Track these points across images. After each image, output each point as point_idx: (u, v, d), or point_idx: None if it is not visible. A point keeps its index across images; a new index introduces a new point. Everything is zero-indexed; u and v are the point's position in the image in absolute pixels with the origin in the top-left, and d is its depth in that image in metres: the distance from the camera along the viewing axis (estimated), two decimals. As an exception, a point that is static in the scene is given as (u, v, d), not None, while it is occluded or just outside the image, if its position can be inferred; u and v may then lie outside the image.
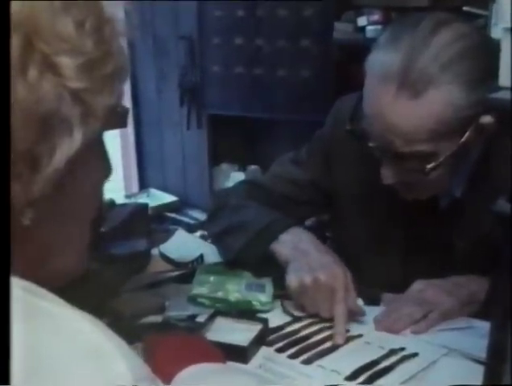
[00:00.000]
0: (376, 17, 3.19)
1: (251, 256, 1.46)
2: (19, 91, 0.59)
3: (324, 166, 1.60)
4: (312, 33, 3.37)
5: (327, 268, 1.32)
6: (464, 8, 2.72)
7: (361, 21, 3.23)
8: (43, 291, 0.61)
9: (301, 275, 1.32)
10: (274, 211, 1.51)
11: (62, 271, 0.73)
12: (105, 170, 0.77)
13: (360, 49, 3.16)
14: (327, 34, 3.29)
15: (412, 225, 1.48)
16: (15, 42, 0.58)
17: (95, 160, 0.72)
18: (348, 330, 1.31)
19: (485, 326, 1.05)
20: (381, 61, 1.28)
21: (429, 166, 1.29)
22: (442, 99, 1.23)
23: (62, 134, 0.62)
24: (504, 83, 0.66)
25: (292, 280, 1.34)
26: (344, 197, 1.59)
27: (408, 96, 1.24)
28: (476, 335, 1.24)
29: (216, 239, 1.61)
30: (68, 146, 0.63)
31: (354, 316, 1.34)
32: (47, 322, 0.57)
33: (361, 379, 1.16)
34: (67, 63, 0.62)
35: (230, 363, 1.15)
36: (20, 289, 0.58)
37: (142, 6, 3.83)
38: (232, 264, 1.52)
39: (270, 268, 1.43)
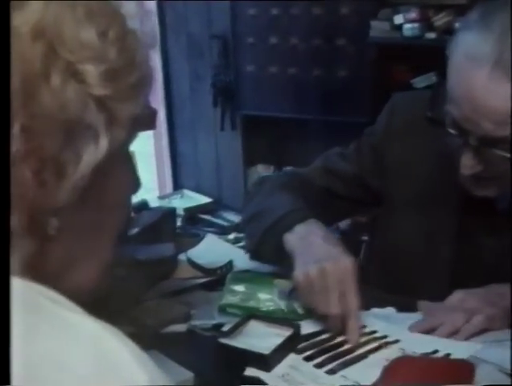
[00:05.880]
0: (413, 15, 3.16)
1: (267, 246, 1.40)
2: (43, 97, 0.60)
3: (374, 162, 1.55)
4: (348, 32, 3.35)
5: (334, 259, 1.25)
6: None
7: (398, 19, 3.20)
8: (64, 300, 0.60)
9: (307, 268, 1.25)
10: (299, 201, 1.45)
11: (81, 286, 0.72)
12: (133, 184, 0.77)
13: (397, 48, 3.17)
14: (363, 33, 3.25)
15: (466, 228, 1.43)
16: (38, 49, 0.59)
17: (122, 172, 0.72)
18: (385, 336, 1.26)
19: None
20: (472, 42, 1.23)
21: None
22: None
23: (87, 141, 0.63)
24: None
25: (298, 274, 1.26)
26: (397, 195, 1.53)
27: (503, 76, 1.19)
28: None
29: (245, 225, 1.56)
30: (93, 154, 0.63)
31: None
32: (67, 332, 0.57)
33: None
34: (91, 70, 0.63)
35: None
36: (39, 295, 0.59)
37: (175, 6, 3.82)
38: (253, 254, 1.47)
39: (286, 260, 1.35)
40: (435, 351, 1.21)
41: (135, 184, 0.78)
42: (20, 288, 0.58)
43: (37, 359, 0.54)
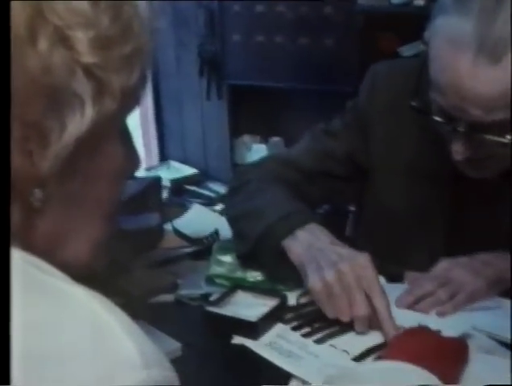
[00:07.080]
0: (401, -18, 3.11)
1: (263, 251, 1.31)
2: (28, 61, 0.59)
3: (360, 138, 1.52)
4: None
5: (349, 258, 1.19)
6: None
7: (387, -14, 3.15)
8: (51, 268, 0.61)
9: (322, 273, 1.19)
10: (294, 199, 1.38)
11: (72, 261, 0.71)
12: (130, 161, 0.75)
13: (385, 16, 3.15)
14: (351, 1, 3.20)
15: (456, 199, 1.42)
16: (24, 11, 0.59)
17: (114, 146, 0.71)
18: None
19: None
20: (452, 27, 1.18)
21: (510, 136, 1.20)
22: None
23: (73, 110, 0.62)
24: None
25: (314, 282, 1.19)
26: (384, 170, 1.51)
27: (487, 61, 1.14)
28: (505, 316, 1.19)
29: (231, 223, 1.46)
30: (79, 123, 0.62)
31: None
32: (53, 299, 0.58)
33: (369, 359, 1.12)
34: (79, 37, 0.62)
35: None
36: (28, 265, 0.59)
37: (160, -26, 3.76)
38: (245, 257, 1.36)
39: (285, 265, 1.27)
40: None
41: (133, 161, 0.76)
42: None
43: (26, 328, 0.54)
